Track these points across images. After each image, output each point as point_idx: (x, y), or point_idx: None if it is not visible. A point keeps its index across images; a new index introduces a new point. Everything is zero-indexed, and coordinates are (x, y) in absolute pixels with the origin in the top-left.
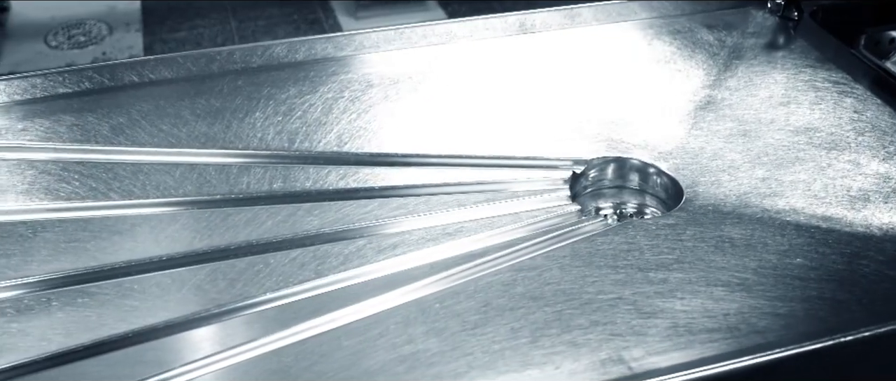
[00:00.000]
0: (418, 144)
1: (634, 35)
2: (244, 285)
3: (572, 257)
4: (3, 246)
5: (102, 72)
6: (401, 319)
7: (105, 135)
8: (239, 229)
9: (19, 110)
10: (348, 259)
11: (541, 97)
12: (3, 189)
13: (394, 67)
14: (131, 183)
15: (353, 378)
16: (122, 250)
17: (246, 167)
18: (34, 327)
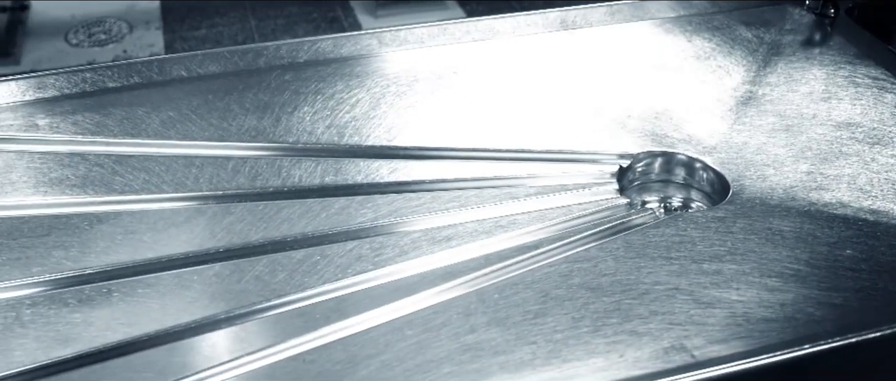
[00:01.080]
0: (466, 139)
1: (674, 31)
2: (303, 275)
3: (625, 249)
4: (61, 238)
5: (151, 66)
6: (462, 309)
7: (156, 129)
8: (293, 221)
9: (68, 104)
10: (404, 251)
11: (583, 92)
12: (57, 182)
13: (437, 63)
14: (184, 176)
15: (419, 367)
16: (177, 241)
17: (297, 161)
18: (97, 317)
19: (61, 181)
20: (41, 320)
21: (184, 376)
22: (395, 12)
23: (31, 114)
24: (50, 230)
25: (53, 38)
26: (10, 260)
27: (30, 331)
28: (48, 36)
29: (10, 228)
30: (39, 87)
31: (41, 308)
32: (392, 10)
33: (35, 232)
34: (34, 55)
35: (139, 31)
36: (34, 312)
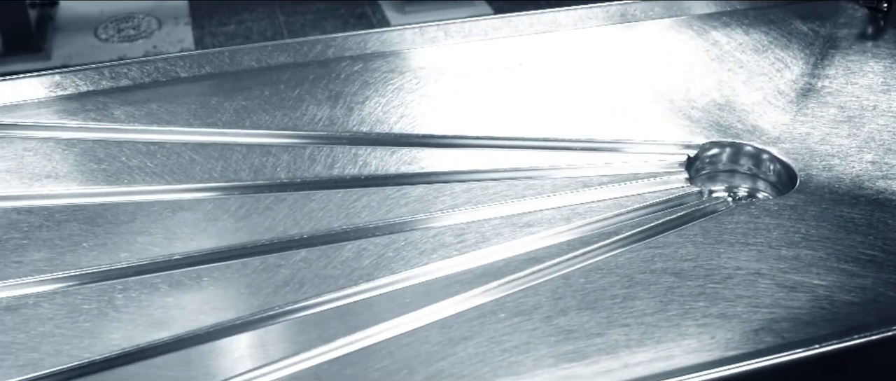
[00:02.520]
0: (536, 128)
1: (731, 24)
2: (389, 261)
3: (703, 235)
4: (144, 225)
5: (222, 56)
6: (550, 293)
7: (229, 118)
8: (373, 208)
9: (142, 94)
10: (487, 237)
11: (646, 83)
12: (137, 170)
13: (502, 55)
14: (262, 164)
15: (517, 348)
16: (260, 228)
17: (372, 150)
18: (189, 301)
19: (141, 169)
20: (133, 304)
21: (284, 357)
22: (423, 8)
23: (105, 104)
24: (133, 217)
25: (83, 34)
26: (97, 246)
27: (124, 315)
28: (77, 31)
29: (93, 215)
30: (113, 76)
31: (132, 293)
32: (420, 6)
33: (118, 219)
34: (64, 51)
35: (168, 27)
36: (126, 296)
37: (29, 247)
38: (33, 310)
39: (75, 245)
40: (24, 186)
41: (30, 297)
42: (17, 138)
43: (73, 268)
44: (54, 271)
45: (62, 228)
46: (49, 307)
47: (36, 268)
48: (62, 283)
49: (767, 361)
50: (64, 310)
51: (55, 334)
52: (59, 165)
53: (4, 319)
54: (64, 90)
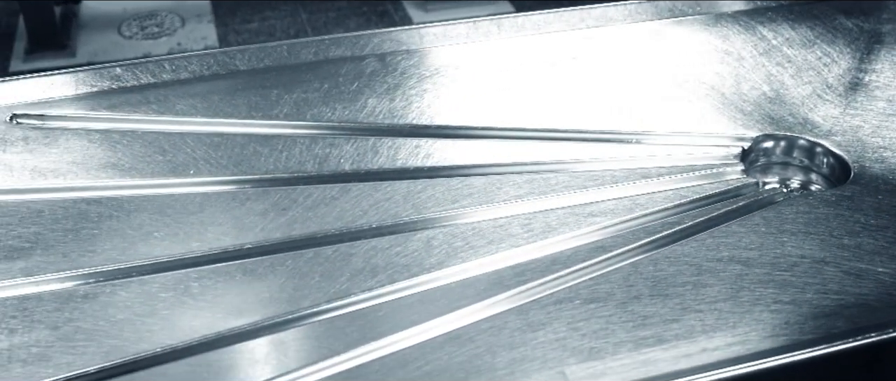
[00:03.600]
0: (593, 121)
1: (777, 19)
2: (461, 250)
3: (765, 225)
4: (213, 215)
5: (281, 50)
6: (621, 281)
7: (290, 111)
8: (439, 199)
9: (202, 86)
10: (552, 227)
11: (697, 77)
12: (202, 161)
13: (556, 48)
14: (325, 155)
15: (596, 333)
16: (328, 218)
17: (433, 142)
18: (264, 289)
19: (206, 160)
20: (209, 293)
21: (366, 342)
22: (445, 7)
23: (166, 97)
24: (202, 208)
25: (107, 31)
26: (168, 236)
27: (201, 303)
28: (101, 29)
29: (162, 205)
30: (174, 69)
31: (207, 282)
32: (442, 4)
33: (187, 209)
34: (89, 48)
35: (191, 24)
36: (201, 285)
37: (100, 237)
38: (111, 298)
39: (147, 235)
40: (91, 177)
41: (106, 286)
42: (81, 131)
43: (147, 257)
44: (128, 261)
45: (132, 218)
46: (126, 295)
47: (109, 257)
48: (137, 272)
49: (844, 345)
50: (141, 298)
51: (135, 321)
52: (125, 156)
53: (83, 307)
54: (125, 83)
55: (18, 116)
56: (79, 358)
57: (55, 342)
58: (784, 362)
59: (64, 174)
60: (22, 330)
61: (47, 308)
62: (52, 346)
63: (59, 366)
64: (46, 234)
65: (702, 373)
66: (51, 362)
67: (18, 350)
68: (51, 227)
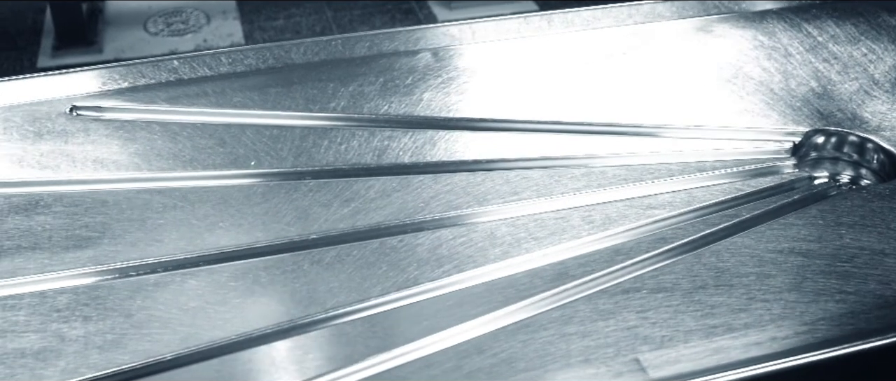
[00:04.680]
0: (647, 116)
1: (821, 16)
2: (524, 241)
3: (821, 218)
4: (277, 206)
5: (336, 44)
6: (686, 272)
7: (347, 104)
8: (500, 191)
9: (258, 79)
10: (612, 219)
11: (745, 73)
12: (263, 153)
13: (606, 44)
14: (383, 147)
15: (666, 322)
16: (392, 209)
17: (492, 135)
18: (332, 278)
19: (267, 152)
20: (278, 282)
21: (443, 329)
22: (470, 5)
23: (222, 89)
24: (265, 198)
25: (133, 28)
26: (234, 226)
27: (271, 292)
28: (127, 25)
29: (225, 196)
30: (231, 62)
31: (275, 271)
32: (466, 3)
33: (251, 200)
34: (116, 44)
35: (217, 21)
36: (269, 274)
37: (166, 227)
38: (181, 287)
39: (212, 226)
40: (153, 168)
41: (176, 275)
42: (140, 123)
43: (213, 247)
44: (195, 251)
45: (196, 208)
46: (196, 284)
47: (177, 247)
48: (205, 262)
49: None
50: (211, 287)
51: (207, 309)
52: (185, 148)
53: (155, 295)
54: (182, 76)
55: (78, 108)
56: (154, 345)
57: (129, 330)
58: (854, 350)
59: (126, 165)
60: (96, 318)
61: (119, 296)
62: (127, 333)
63: (135, 353)
64: (113, 224)
65: (774, 361)
66: (126, 348)
67: (94, 337)
68: (117, 217)
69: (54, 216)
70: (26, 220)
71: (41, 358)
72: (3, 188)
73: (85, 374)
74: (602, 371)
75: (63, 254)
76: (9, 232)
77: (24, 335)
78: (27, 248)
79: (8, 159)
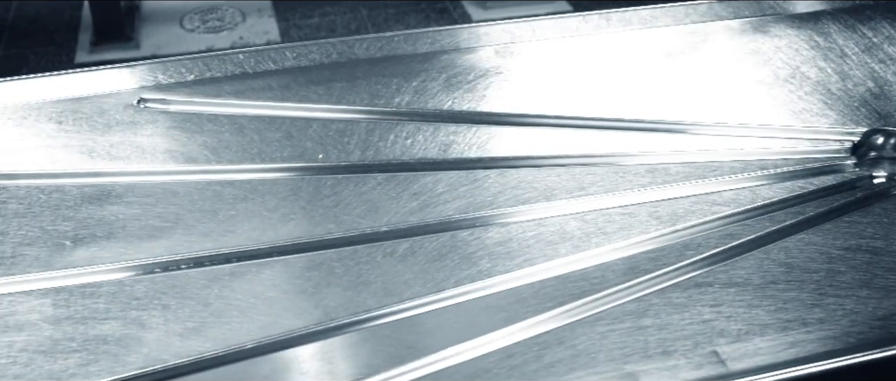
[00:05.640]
0: (706, 114)
1: (875, 17)
2: (592, 236)
3: (886, 216)
4: (347, 198)
5: (398, 40)
6: (756, 267)
7: (411, 99)
8: (568, 187)
9: (322, 73)
10: (679, 215)
11: (803, 73)
12: (330, 146)
13: (663, 43)
14: (450, 142)
15: (739, 316)
16: (460, 202)
17: (556, 131)
18: (405, 270)
19: (335, 146)
20: (353, 272)
21: (517, 321)
22: (503, 5)
23: (287, 84)
24: (334, 191)
25: (169, 24)
26: (305, 217)
27: (346, 282)
28: (163, 22)
29: (294, 188)
30: (296, 57)
31: (349, 262)
32: (500, 3)
33: (320, 193)
34: (153, 40)
35: (252, 19)
36: (344, 265)
37: (238, 218)
38: (256, 276)
39: (283, 217)
40: (222, 160)
41: (251, 265)
42: (207, 115)
43: (286, 238)
44: (268, 242)
45: (266, 200)
46: (271, 274)
47: (249, 238)
48: (278, 252)
49: None
50: (286, 277)
51: (284, 299)
52: (253, 140)
53: (232, 284)
54: (247, 69)
55: (145, 100)
56: (234, 333)
57: (208, 318)
58: None
59: (195, 157)
60: (175, 306)
61: (196, 286)
62: (206, 321)
63: (215, 340)
64: (185, 215)
65: (852, 355)
66: (207, 336)
67: (173, 325)
68: (188, 208)
69: (127, 206)
70: (100, 210)
71: (123, 345)
72: (76, 178)
73: (167, 361)
74: (682, 363)
75: (138, 243)
76: (84, 221)
77: (104, 322)
78: (102, 237)
79: (79, 150)
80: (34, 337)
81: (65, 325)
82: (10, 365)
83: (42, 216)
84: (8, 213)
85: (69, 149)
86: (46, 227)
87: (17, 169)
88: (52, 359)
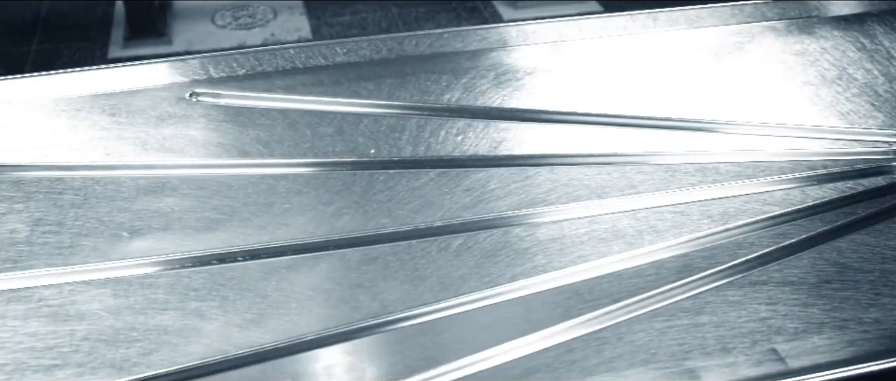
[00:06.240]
0: (758, 114)
1: None
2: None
3: None
4: (400, 194)
5: (447, 37)
6: (809, 266)
7: (460, 96)
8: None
9: (372, 69)
10: (730, 215)
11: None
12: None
13: (710, 43)
14: (501, 139)
15: (794, 315)
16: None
17: (612, 129)
18: (460, 266)
19: (386, 141)
20: (409, 267)
21: (577, 314)
22: (534, 5)
23: (338, 79)
24: (387, 186)
25: (200, 21)
26: (358, 212)
27: (402, 276)
28: (195, 18)
29: (346, 182)
30: (346, 52)
31: (405, 256)
32: (531, 3)
33: (372, 187)
34: (185, 36)
35: (284, 16)
36: (399, 259)
37: (292, 211)
38: (313, 269)
39: (338, 211)
40: (274, 154)
41: (307, 258)
42: (259, 109)
43: (340, 232)
44: (323, 235)
45: (319, 194)
46: (328, 267)
47: (304, 231)
48: (334, 246)
49: None
50: (343, 270)
51: (341, 291)
52: (304, 135)
53: (289, 277)
54: (297, 64)
55: (198, 94)
56: (293, 325)
57: (267, 309)
58: None
59: (248, 151)
60: (233, 298)
61: (254, 277)
62: (265, 313)
63: (275, 332)
64: (240, 208)
65: None
66: (267, 327)
67: (232, 316)
68: (243, 201)
69: (182, 198)
70: (155, 201)
71: (183, 335)
72: (130, 170)
73: (228, 352)
74: (741, 360)
75: (194, 235)
76: (139, 213)
77: (164, 313)
78: (158, 229)
79: (133, 142)
80: (95, 326)
81: (125, 315)
82: (72, 353)
83: (98, 208)
84: (65, 204)
85: (123, 141)
86: (103, 218)
87: (72, 161)
88: (113, 348)
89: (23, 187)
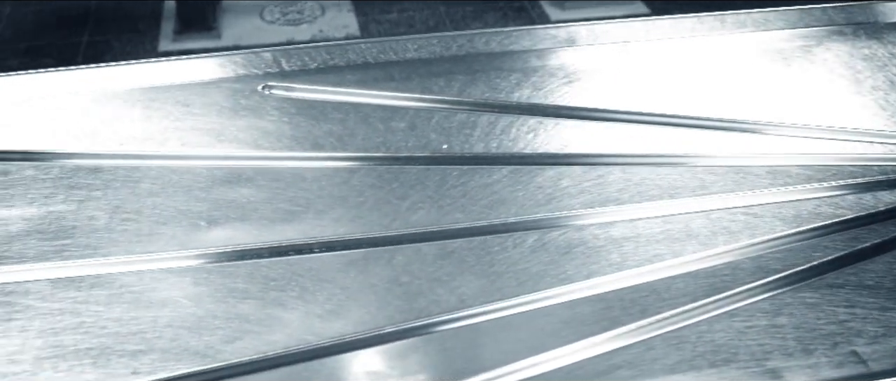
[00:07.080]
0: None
1: None
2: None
3: None
4: (473, 190)
5: (517, 35)
6: (886, 271)
7: (531, 94)
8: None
9: (442, 66)
10: (802, 217)
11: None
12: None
13: (778, 45)
14: (569, 136)
15: (874, 318)
16: (581, 198)
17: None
18: (533, 263)
19: (458, 137)
20: (483, 262)
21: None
22: (582, 6)
23: (408, 75)
24: (459, 181)
25: (249, 16)
26: (433, 207)
27: (477, 270)
28: (244, 13)
29: (419, 177)
30: (417, 49)
31: (480, 252)
32: (578, 3)
33: (446, 182)
34: (233, 31)
35: (331, 13)
36: (474, 254)
37: (367, 204)
38: (389, 262)
39: (412, 205)
40: (347, 147)
41: (383, 251)
42: (331, 103)
43: (415, 226)
44: (397, 229)
45: (394, 188)
46: (405, 260)
47: (379, 224)
48: (408, 240)
49: None
50: (419, 264)
51: (419, 284)
52: (377, 129)
53: (368, 269)
54: (368, 59)
55: (271, 87)
56: (373, 317)
57: (346, 301)
58: None
59: (321, 144)
60: (313, 288)
61: (332, 269)
62: (344, 304)
63: (356, 323)
64: (315, 199)
65: None
66: (347, 318)
67: (313, 306)
68: (318, 193)
69: (257, 189)
70: (231, 191)
71: (265, 325)
72: (206, 161)
73: (311, 341)
74: (823, 362)
75: (271, 226)
76: (216, 202)
77: (244, 302)
78: (235, 219)
79: (207, 133)
80: (178, 314)
81: (206, 303)
82: (156, 340)
83: (175, 197)
84: (142, 192)
85: (198, 132)
86: (180, 207)
87: (148, 150)
88: (197, 335)
89: (100, 175)
